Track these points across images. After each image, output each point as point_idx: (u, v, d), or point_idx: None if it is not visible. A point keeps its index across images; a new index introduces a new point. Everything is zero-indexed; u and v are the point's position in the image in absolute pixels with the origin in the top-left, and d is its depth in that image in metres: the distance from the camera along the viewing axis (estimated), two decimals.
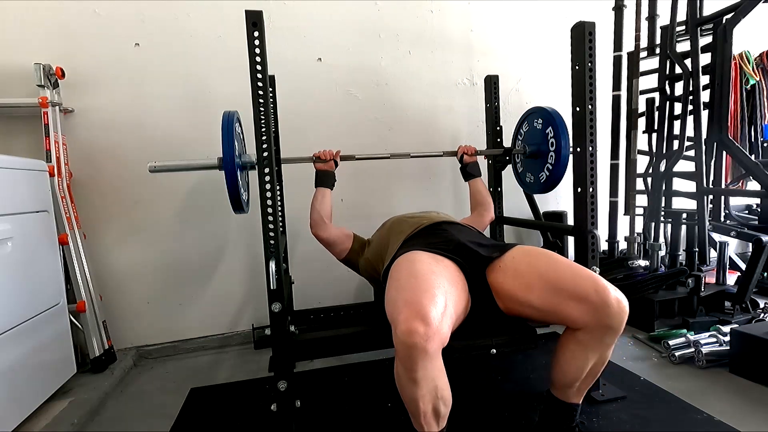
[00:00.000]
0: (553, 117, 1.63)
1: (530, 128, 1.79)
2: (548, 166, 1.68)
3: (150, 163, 1.38)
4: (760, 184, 1.83)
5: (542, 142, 1.71)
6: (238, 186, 1.32)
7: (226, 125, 1.31)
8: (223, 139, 1.28)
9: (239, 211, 1.42)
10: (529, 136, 1.80)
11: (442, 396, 0.94)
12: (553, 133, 1.63)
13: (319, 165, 1.56)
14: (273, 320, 1.15)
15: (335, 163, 1.57)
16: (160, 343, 1.97)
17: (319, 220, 1.50)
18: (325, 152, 1.56)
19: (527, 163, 1.87)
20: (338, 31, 2.08)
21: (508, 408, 1.35)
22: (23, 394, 1.32)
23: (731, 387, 1.40)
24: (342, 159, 1.60)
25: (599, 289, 0.99)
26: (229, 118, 1.33)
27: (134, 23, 1.85)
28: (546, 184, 1.73)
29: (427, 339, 0.85)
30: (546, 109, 1.67)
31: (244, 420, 1.38)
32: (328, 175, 1.55)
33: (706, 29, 2.02)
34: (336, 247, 1.55)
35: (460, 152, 1.75)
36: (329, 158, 1.55)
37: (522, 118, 1.86)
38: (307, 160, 1.57)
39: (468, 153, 1.74)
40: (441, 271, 1.06)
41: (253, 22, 1.09)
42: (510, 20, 2.33)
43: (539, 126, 1.72)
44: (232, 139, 1.29)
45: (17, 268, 1.34)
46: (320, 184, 1.54)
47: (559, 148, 1.60)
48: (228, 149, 1.28)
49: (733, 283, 2.08)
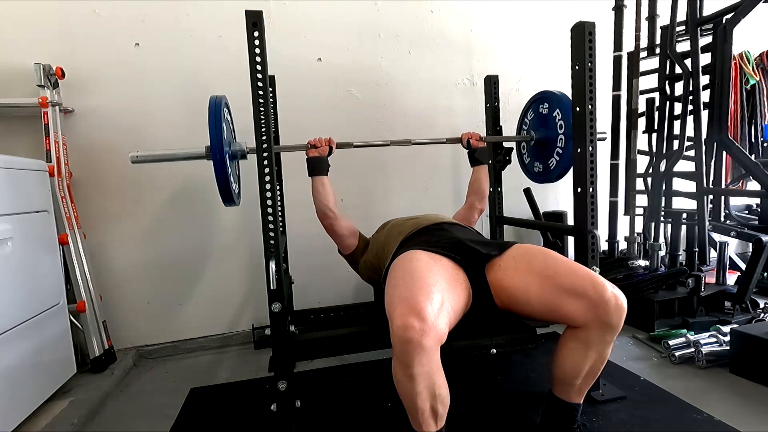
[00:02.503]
0: (560, 99, 1.58)
1: (535, 115, 1.75)
2: (558, 150, 1.61)
3: (131, 153, 1.31)
4: (760, 184, 1.83)
5: (550, 127, 1.64)
6: (228, 176, 1.25)
7: (213, 111, 1.21)
8: (210, 126, 1.19)
9: (229, 204, 1.36)
10: (535, 123, 1.75)
11: (439, 394, 0.94)
12: (561, 115, 1.57)
13: (311, 152, 1.50)
14: (273, 320, 1.15)
15: (330, 150, 1.52)
16: (160, 343, 1.97)
17: (326, 210, 1.46)
18: (319, 139, 1.52)
19: (534, 152, 1.81)
20: (338, 31, 2.08)
21: (508, 408, 1.35)
22: (23, 394, 1.32)
23: (731, 387, 1.40)
24: (339, 147, 1.54)
25: (597, 286, 0.99)
26: (216, 104, 1.23)
27: (134, 23, 1.85)
28: (557, 171, 1.65)
29: (423, 334, 0.86)
30: (552, 92, 1.63)
31: (244, 420, 1.38)
32: (322, 160, 1.49)
33: (706, 29, 2.02)
34: (344, 240, 1.53)
35: (465, 138, 1.67)
36: (323, 144, 1.51)
37: (526, 106, 1.82)
38: (302, 147, 1.52)
39: (474, 138, 1.67)
40: (438, 269, 1.06)
41: (253, 22, 1.09)
42: (510, 20, 2.33)
43: (545, 111, 1.68)
44: (220, 126, 1.20)
45: (17, 268, 1.34)
46: (314, 172, 1.48)
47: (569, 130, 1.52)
48: (216, 137, 1.19)
49: (733, 283, 2.08)
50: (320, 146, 1.50)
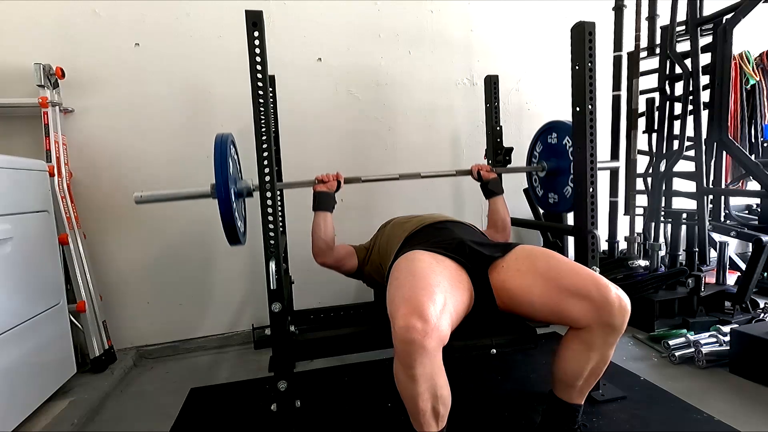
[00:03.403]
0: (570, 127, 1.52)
1: (545, 146, 1.73)
2: (572, 177, 1.54)
3: (136, 194, 1.27)
4: (760, 184, 1.83)
5: (561, 156, 1.62)
6: (233, 216, 1.21)
7: (219, 149, 1.18)
8: (215, 164, 1.16)
9: (235, 244, 1.30)
10: (545, 154, 1.73)
11: (441, 395, 0.94)
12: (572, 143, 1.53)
13: (319, 187, 1.45)
14: (273, 320, 1.15)
15: (338, 184, 1.48)
16: (160, 343, 1.97)
17: (324, 248, 1.42)
18: (327, 175, 1.48)
19: (547, 183, 1.76)
20: (338, 31, 2.08)
21: (508, 408, 1.35)
22: (23, 394, 1.32)
23: (731, 387, 1.40)
24: (347, 182, 1.50)
25: (601, 288, 0.99)
26: (222, 141, 1.21)
27: (134, 23, 1.85)
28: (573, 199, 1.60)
29: (425, 335, 0.85)
30: (560, 121, 1.62)
31: (244, 420, 1.38)
32: (329, 196, 1.44)
33: (706, 29, 2.02)
34: (343, 267, 1.52)
35: (474, 170, 1.63)
36: (331, 179, 1.47)
37: (534, 138, 1.80)
38: (309, 183, 1.48)
39: (484, 170, 1.63)
40: (441, 270, 1.06)
41: (253, 22, 1.09)
42: (510, 20, 2.33)
43: (554, 140, 1.67)
44: (226, 164, 1.17)
45: (17, 268, 1.34)
46: (319, 207, 1.42)
47: None
48: (222, 176, 1.16)
49: (733, 283, 2.08)
50: (328, 181, 1.46)
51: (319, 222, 1.41)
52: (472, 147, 2.30)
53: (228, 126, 1.96)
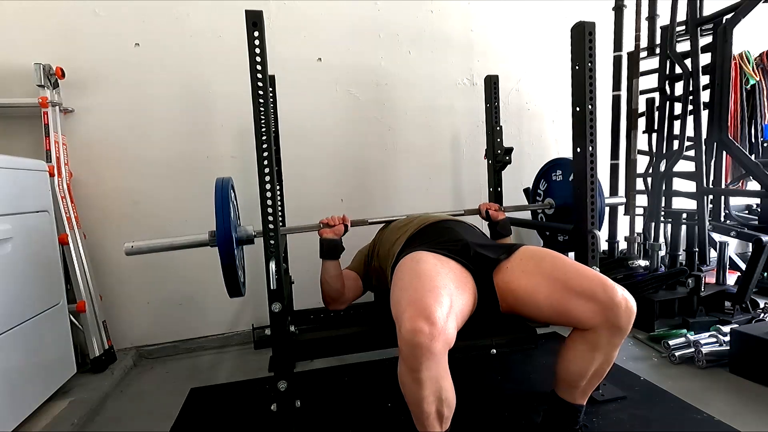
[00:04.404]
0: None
1: (549, 184, 1.73)
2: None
3: (126, 245, 1.20)
4: (760, 184, 1.83)
5: (568, 193, 1.60)
6: (235, 265, 1.16)
7: (220, 194, 1.14)
8: (216, 210, 1.12)
9: (235, 295, 1.24)
10: (551, 192, 1.73)
11: (446, 398, 0.93)
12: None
13: (325, 232, 1.38)
14: (273, 320, 1.15)
15: (345, 228, 1.43)
16: (160, 343, 1.97)
17: (336, 296, 1.40)
18: (333, 218, 1.41)
19: (556, 220, 1.74)
20: (338, 31, 2.08)
21: (508, 408, 1.34)
22: (23, 394, 1.32)
23: (731, 387, 1.40)
24: (353, 225, 1.44)
25: (608, 289, 0.99)
26: (223, 186, 1.16)
27: (134, 23, 1.85)
28: None
29: (432, 338, 0.84)
30: (563, 158, 1.61)
31: (244, 420, 1.38)
32: (337, 246, 1.38)
33: (706, 29, 2.02)
34: (357, 297, 1.52)
35: (483, 209, 1.59)
36: (338, 223, 1.41)
37: (537, 176, 1.79)
38: (314, 228, 1.43)
39: (493, 209, 1.58)
40: (447, 272, 1.05)
41: (253, 22, 1.09)
42: (510, 20, 2.33)
43: (559, 177, 1.67)
44: (227, 209, 1.13)
45: (17, 268, 1.33)
46: (327, 256, 1.37)
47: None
48: (223, 224, 1.12)
49: (733, 283, 2.08)
50: (334, 224, 1.40)
51: (329, 270, 1.37)
52: (471, 147, 2.30)
53: (228, 125, 1.96)
